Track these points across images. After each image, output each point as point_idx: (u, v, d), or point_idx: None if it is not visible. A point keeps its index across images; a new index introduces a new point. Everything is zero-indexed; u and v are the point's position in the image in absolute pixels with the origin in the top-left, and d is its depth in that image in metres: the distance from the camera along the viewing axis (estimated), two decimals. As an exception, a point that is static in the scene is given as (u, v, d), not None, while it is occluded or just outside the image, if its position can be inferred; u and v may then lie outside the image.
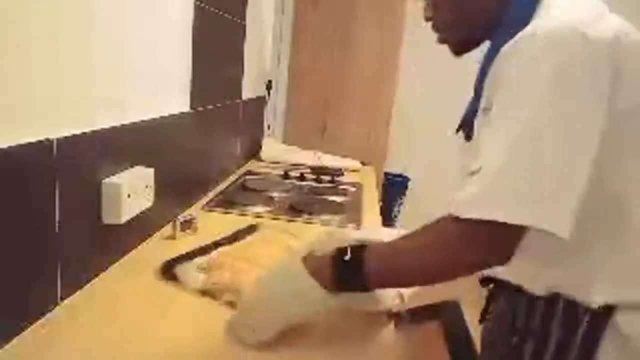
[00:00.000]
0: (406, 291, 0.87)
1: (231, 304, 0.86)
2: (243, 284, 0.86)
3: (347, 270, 0.69)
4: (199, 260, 1.00)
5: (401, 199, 3.18)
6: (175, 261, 1.00)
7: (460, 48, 0.82)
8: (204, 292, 0.91)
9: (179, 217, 1.20)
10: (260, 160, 2.21)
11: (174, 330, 0.82)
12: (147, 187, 1.06)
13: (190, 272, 0.96)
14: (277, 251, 1.05)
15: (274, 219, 1.43)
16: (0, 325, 0.71)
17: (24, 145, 0.69)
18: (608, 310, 0.69)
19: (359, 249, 0.70)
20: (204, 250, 1.05)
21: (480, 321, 0.92)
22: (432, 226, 0.68)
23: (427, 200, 3.14)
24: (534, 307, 0.75)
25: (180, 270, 0.97)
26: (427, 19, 0.81)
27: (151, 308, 0.88)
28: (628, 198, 0.68)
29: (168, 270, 0.97)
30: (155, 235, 1.20)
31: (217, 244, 1.10)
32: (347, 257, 0.69)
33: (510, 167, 0.61)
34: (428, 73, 3.13)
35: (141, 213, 1.05)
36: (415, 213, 2.95)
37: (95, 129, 0.88)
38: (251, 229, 1.22)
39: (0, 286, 0.69)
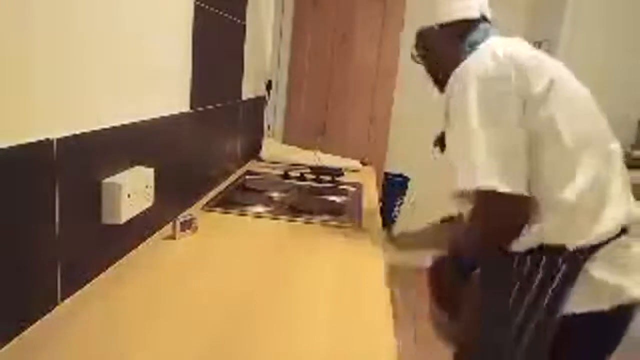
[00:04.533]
0: None
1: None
2: None
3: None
4: None
5: (401, 199, 3.18)
6: None
7: (439, 90, 1.19)
8: None
9: (179, 217, 1.20)
10: (260, 160, 2.21)
11: (174, 330, 0.82)
12: (147, 187, 1.06)
13: None
14: None
15: (273, 219, 1.43)
16: (0, 325, 0.71)
17: (24, 145, 0.70)
18: (580, 257, 0.97)
19: None
20: None
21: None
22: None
23: (427, 200, 3.14)
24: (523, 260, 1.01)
25: None
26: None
27: (151, 308, 0.88)
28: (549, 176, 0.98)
29: None
30: (155, 235, 1.20)
31: None
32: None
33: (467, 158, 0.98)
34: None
35: (141, 213, 1.05)
36: (415, 213, 2.95)
37: (95, 129, 0.88)
38: None
39: (1, 286, 0.69)
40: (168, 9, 1.16)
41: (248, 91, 1.98)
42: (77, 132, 0.82)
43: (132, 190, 0.98)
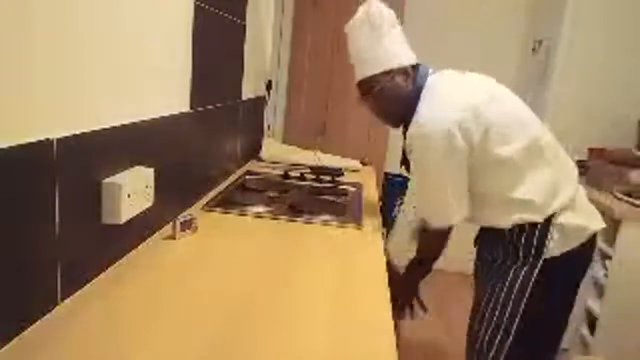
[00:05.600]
0: None
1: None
2: None
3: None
4: None
5: (401, 199, 3.18)
6: None
7: (394, 126, 1.45)
8: None
9: (179, 217, 1.20)
10: (260, 160, 2.21)
11: (174, 330, 0.82)
12: (147, 187, 1.06)
13: None
14: None
15: (273, 219, 1.43)
16: (0, 325, 0.71)
17: (24, 145, 0.70)
18: (549, 219, 1.23)
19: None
20: None
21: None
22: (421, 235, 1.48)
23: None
24: (504, 237, 1.28)
25: None
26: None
27: (151, 308, 0.88)
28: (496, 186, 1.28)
29: None
30: (155, 235, 1.20)
31: None
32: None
33: (427, 203, 1.37)
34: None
35: (141, 213, 1.05)
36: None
37: (95, 129, 0.88)
38: None
39: (1, 286, 0.69)
40: (168, 9, 1.16)
41: (248, 91, 1.98)
42: (77, 132, 0.82)
43: (132, 190, 0.98)
